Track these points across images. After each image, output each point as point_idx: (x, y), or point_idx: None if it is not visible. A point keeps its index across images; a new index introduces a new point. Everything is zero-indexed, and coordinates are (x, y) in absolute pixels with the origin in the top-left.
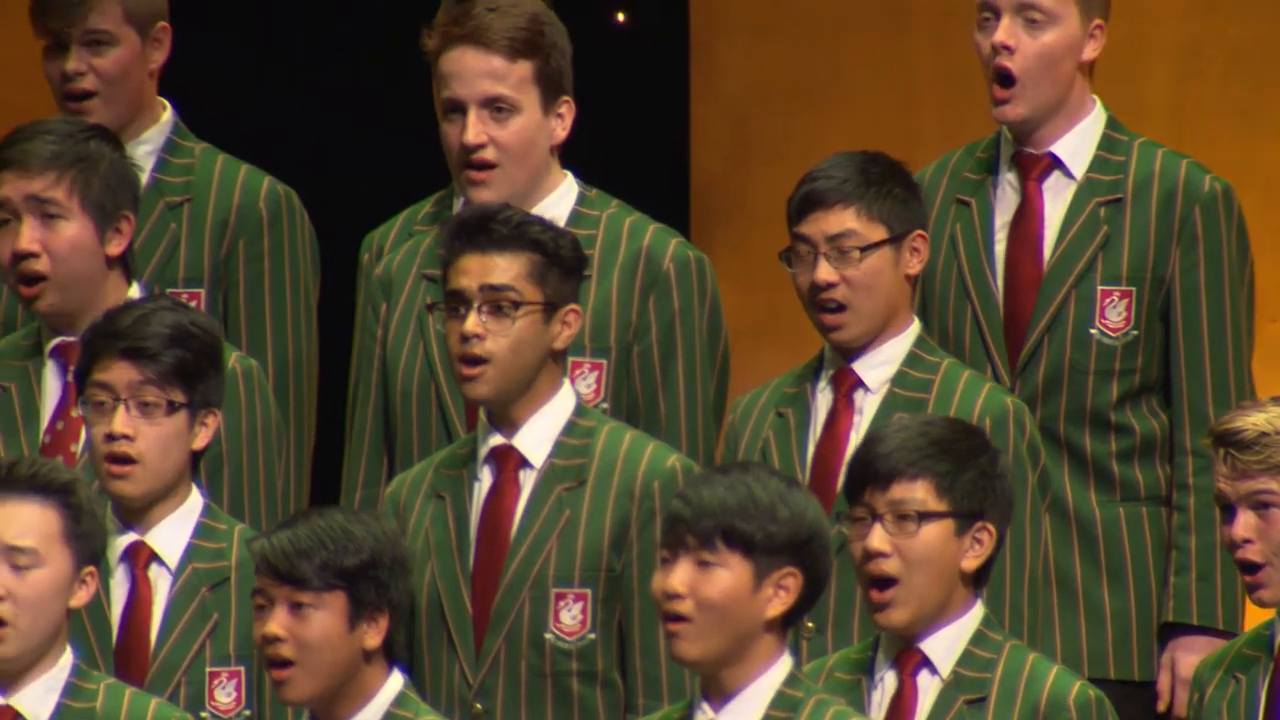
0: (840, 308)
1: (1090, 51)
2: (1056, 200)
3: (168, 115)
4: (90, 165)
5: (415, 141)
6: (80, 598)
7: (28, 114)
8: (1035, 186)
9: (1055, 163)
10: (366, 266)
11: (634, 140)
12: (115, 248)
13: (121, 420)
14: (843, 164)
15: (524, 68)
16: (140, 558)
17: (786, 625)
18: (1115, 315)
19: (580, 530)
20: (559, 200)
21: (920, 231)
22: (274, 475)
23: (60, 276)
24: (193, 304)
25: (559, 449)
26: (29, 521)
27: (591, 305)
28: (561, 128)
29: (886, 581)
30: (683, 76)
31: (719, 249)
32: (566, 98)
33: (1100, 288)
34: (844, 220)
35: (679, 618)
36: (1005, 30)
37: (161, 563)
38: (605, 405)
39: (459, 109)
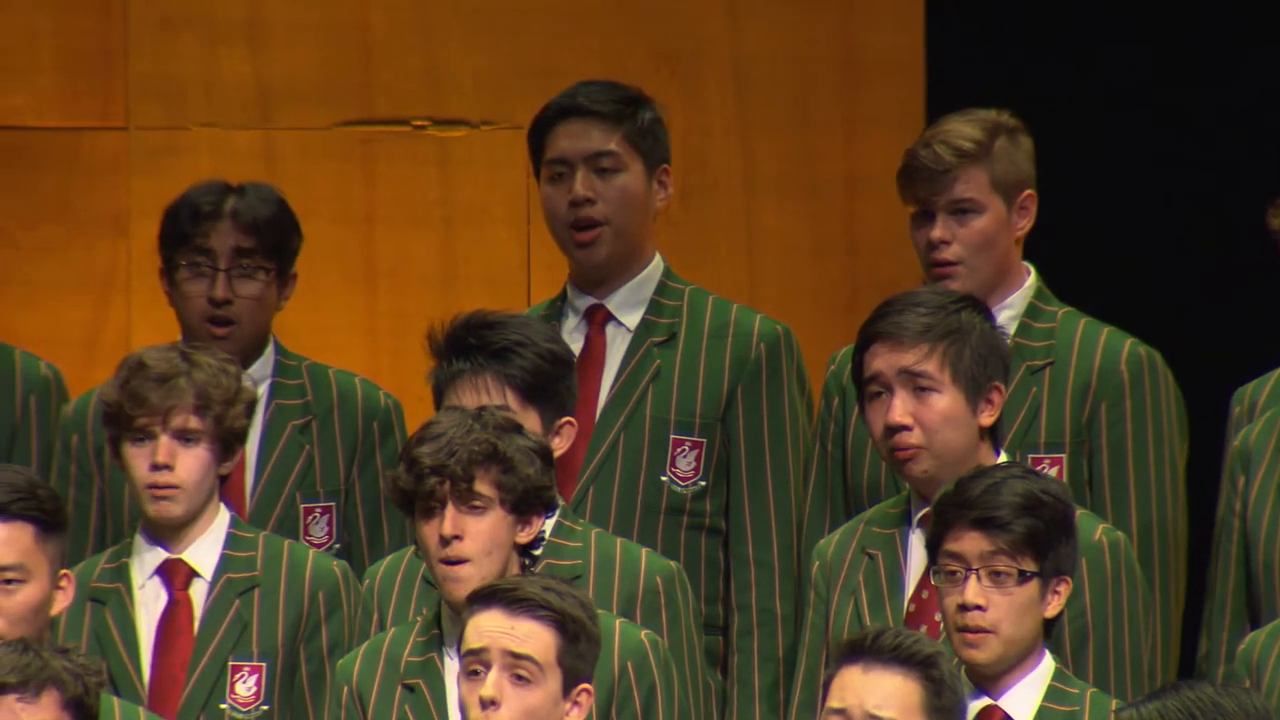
0: None
1: None
2: None
3: (1031, 280)
4: (961, 337)
5: None
6: None
7: (894, 285)
8: None
9: None
10: (1237, 419)
11: None
12: (987, 418)
13: (973, 591)
14: None
15: None
16: None
17: None
18: None
19: None
20: None
21: None
22: (1139, 648)
23: (934, 448)
24: (1054, 470)
25: None
26: (889, 692)
27: None
28: None
29: None
30: None
31: None
32: None
33: None
34: None
35: None
36: None
37: None
38: None
39: None
